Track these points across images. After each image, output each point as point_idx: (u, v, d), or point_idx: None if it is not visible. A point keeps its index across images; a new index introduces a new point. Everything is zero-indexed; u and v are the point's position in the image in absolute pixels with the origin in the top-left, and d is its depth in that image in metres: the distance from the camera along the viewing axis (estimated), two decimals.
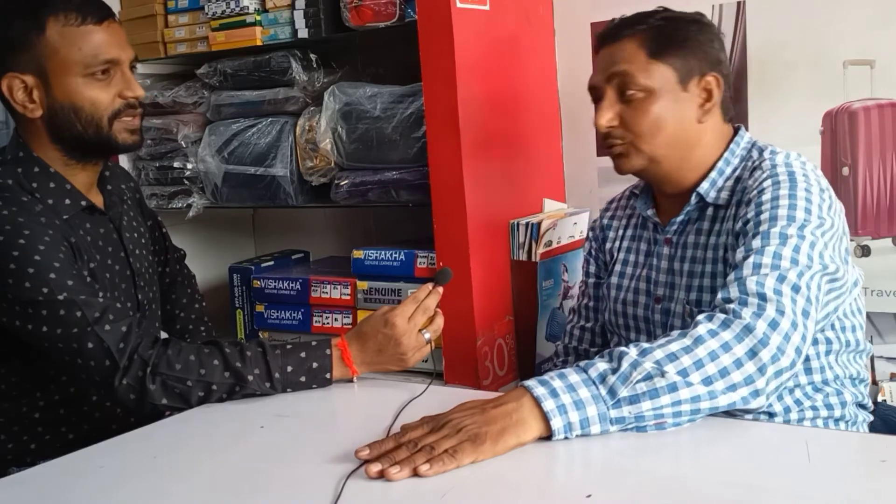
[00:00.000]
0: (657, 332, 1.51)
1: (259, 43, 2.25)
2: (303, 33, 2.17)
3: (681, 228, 1.50)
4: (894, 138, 1.97)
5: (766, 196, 1.33)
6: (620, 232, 1.64)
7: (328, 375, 1.43)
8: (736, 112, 2.07)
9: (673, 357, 1.12)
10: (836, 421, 1.41)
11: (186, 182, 2.46)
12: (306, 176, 2.27)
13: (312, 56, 2.25)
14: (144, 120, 1.54)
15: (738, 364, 1.12)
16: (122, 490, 1.11)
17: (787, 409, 1.37)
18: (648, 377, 1.11)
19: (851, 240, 2.02)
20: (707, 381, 1.11)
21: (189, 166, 2.44)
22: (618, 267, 1.62)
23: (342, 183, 2.19)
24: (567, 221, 2.17)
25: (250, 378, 1.39)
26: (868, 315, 2.02)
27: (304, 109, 2.27)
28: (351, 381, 1.45)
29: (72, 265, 1.40)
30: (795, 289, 1.21)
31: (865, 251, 2.01)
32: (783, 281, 1.21)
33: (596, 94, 1.47)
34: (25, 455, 1.50)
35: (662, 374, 1.11)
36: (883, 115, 1.97)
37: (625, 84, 1.41)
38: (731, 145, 1.47)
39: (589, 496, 0.97)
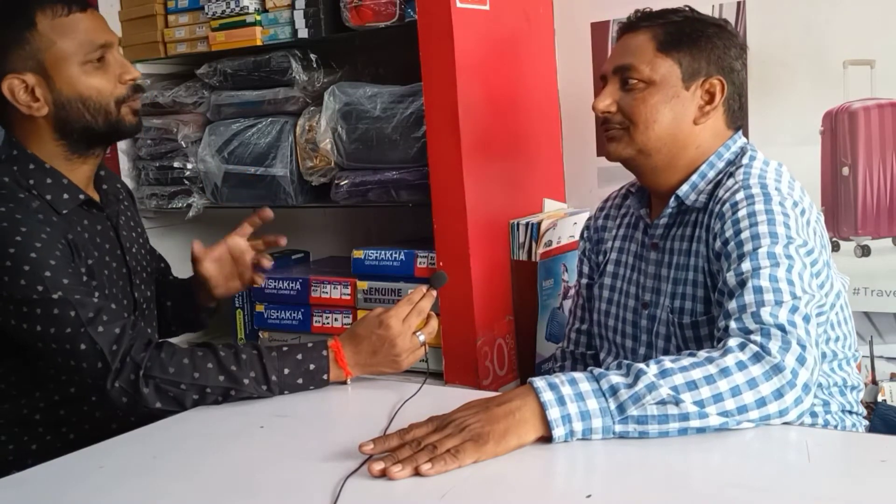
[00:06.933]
0: (643, 337, 1.51)
1: (259, 43, 2.25)
2: (303, 33, 2.17)
3: (666, 233, 1.49)
4: (894, 138, 1.97)
5: (742, 213, 1.31)
6: (614, 232, 1.63)
7: (325, 377, 1.42)
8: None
9: (693, 386, 1.09)
10: (824, 427, 1.40)
11: (186, 182, 2.46)
12: (306, 176, 2.27)
13: (312, 56, 2.25)
14: (144, 120, 1.55)
15: (762, 403, 1.09)
16: (122, 490, 1.11)
17: None
18: (662, 402, 1.08)
19: (850, 239, 2.02)
20: (724, 414, 1.09)
21: (189, 166, 2.45)
22: (610, 268, 1.61)
23: (342, 183, 2.19)
24: (567, 221, 2.17)
25: (246, 381, 1.38)
26: (868, 315, 2.03)
27: (304, 109, 2.27)
28: (345, 383, 1.45)
29: (68, 263, 1.40)
30: (806, 319, 1.18)
31: (865, 251, 2.01)
32: (795, 311, 1.18)
33: (603, 81, 1.49)
34: (27, 456, 1.49)
35: (677, 404, 1.08)
36: (883, 115, 1.97)
37: (629, 74, 1.43)
38: (721, 149, 1.45)
39: (589, 496, 0.97)
